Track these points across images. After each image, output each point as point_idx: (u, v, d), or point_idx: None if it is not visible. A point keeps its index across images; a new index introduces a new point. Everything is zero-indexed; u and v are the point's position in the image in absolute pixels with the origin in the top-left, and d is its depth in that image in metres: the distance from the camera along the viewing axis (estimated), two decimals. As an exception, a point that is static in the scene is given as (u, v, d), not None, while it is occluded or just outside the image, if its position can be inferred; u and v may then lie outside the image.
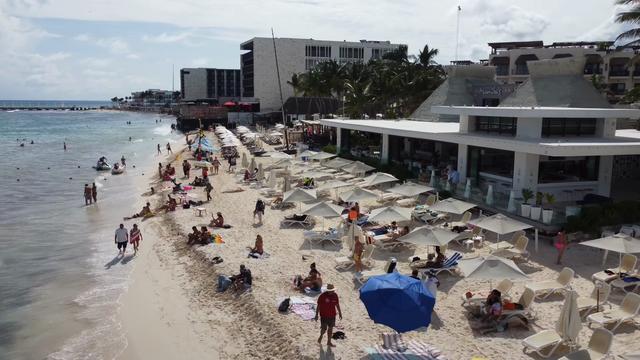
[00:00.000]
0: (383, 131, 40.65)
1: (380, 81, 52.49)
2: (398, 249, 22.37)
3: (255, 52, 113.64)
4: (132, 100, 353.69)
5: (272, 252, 21.99)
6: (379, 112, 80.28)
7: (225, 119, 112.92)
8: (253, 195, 35.14)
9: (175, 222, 27.78)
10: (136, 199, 36.57)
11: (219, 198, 34.75)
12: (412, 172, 36.21)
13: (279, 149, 64.26)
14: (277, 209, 30.75)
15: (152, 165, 55.79)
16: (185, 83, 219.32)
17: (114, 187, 42.69)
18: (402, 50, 73.14)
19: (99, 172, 51.88)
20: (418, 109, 48.66)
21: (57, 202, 36.93)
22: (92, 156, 67.04)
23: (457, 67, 46.78)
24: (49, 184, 45.07)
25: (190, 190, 37.10)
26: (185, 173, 43.71)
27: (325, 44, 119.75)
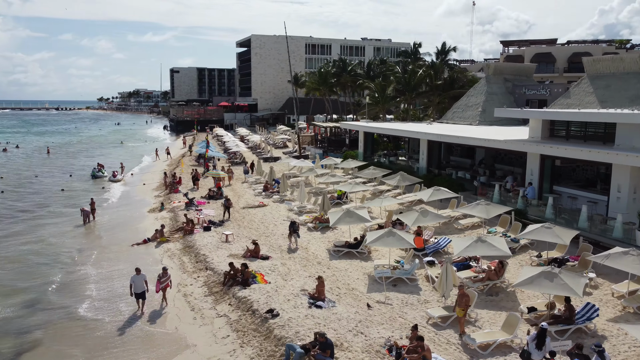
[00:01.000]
0: (421, 136, 35.96)
1: (405, 80, 47.83)
2: (494, 291, 17.63)
3: (252, 49, 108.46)
4: (118, 100, 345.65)
5: (335, 297, 17.12)
6: (389, 113, 75.62)
7: (222, 120, 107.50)
8: (280, 212, 30.25)
9: (199, 250, 22.73)
10: (143, 216, 31.35)
11: (241, 216, 29.74)
12: (461, 184, 31.58)
13: (287, 153, 59.34)
14: (315, 231, 25.88)
15: (152, 172, 50.48)
16: (175, 82, 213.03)
17: (114, 201, 37.40)
18: (416, 47, 68.60)
19: (95, 181, 46.48)
20: (450, 111, 44.08)
21: (48, 220, 31.55)
22: (83, 162, 61.48)
23: (495, 65, 42.36)
24: (38, 196, 39.60)
25: (204, 206, 32.02)
26: (194, 184, 38.59)
27: (325, 41, 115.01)
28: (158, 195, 37.00)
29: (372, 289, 18.06)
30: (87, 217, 30.47)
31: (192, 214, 29.41)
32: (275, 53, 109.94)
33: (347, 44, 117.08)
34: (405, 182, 30.31)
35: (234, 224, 27.54)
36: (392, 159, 42.80)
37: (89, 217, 30.49)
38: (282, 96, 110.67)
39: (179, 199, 34.38)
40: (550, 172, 26.02)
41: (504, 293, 17.48)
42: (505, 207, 23.27)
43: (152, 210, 32.41)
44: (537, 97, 39.24)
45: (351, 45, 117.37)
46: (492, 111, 40.47)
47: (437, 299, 17.01)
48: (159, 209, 32.12)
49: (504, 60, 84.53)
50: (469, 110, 41.79)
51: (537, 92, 39.34)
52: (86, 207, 30.85)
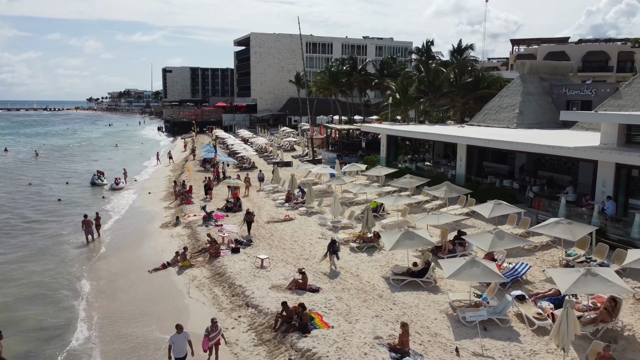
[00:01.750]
0: (459, 140, 32.70)
1: (429, 79, 44.60)
2: (611, 336, 14.37)
3: (252, 48, 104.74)
4: (108, 100, 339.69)
5: (420, 348, 13.73)
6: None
7: (220, 121, 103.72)
8: (311, 227, 26.86)
9: (232, 279, 19.20)
10: (155, 233, 27.68)
11: (267, 232, 26.27)
12: (511, 194, 28.36)
13: (297, 157, 55.92)
14: (359, 252, 22.50)
15: (155, 179, 46.75)
16: (167, 82, 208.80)
17: (119, 213, 33.67)
18: (429, 45, 65.44)
19: (94, 190, 42.70)
20: (480, 113, 40.86)
21: (44, 239, 27.76)
22: (79, 167, 57.56)
23: (531, 63, 39.17)
24: (32, 207, 35.78)
25: (223, 220, 28.50)
26: (206, 193, 35.02)
27: (326, 40, 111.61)
28: (168, 207, 33.34)
29: (459, 333, 14.71)
30: (91, 234, 26.83)
31: (213, 231, 25.90)
32: (275, 52, 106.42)
33: (348, 43, 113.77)
34: (452, 193, 27.00)
35: (262, 243, 24.05)
36: (419, 164, 39.54)
37: (92, 234, 26.84)
38: (282, 96, 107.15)
39: (193, 211, 30.80)
40: (626, 184, 22.88)
41: (624, 339, 14.23)
42: (589, 226, 20.01)
43: (165, 225, 28.75)
44: (580, 98, 36.14)
45: (352, 44, 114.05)
46: (530, 113, 37.54)
47: (547, 349, 13.71)
48: (173, 223, 28.49)
49: (515, 58, 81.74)
50: (503, 112, 38.63)
51: (581, 93, 36.26)
52: (89, 217, 27.16)
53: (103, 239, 27.25)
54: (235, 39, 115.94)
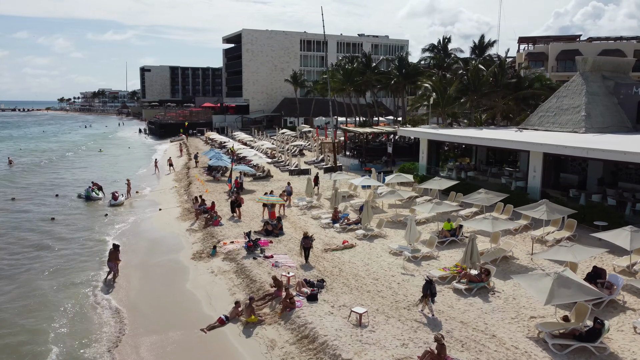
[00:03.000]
0: (533, 147, 28.10)
1: (470, 78, 40.05)
2: None
3: (243, 46, 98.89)
4: (81, 100, 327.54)
5: None
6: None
7: (210, 122, 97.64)
8: (380, 256, 21.97)
9: (333, 349, 13.97)
10: (190, 268, 22.09)
11: (331, 264, 21.12)
12: (611, 212, 23.91)
13: (310, 163, 50.72)
14: (469, 295, 17.59)
15: (160, 191, 40.90)
16: (145, 82, 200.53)
17: (133, 237, 27.86)
18: (445, 43, 61.09)
19: (90, 205, 36.73)
20: (534, 115, 36.45)
21: (43, 279, 21.86)
22: (65, 176, 51.18)
23: (593, 60, 34.92)
24: (20, 229, 29.74)
25: (269, 248, 23.21)
26: (233, 211, 29.60)
27: (321, 37, 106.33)
28: (192, 230, 27.76)
29: None
30: (114, 269, 21.25)
31: (265, 264, 20.67)
32: (269, 49, 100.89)
33: (343, 40, 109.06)
34: (554, 215, 22.28)
35: (337, 283, 18.89)
36: (470, 174, 34.91)
37: (115, 271, 21.26)
38: (276, 96, 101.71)
39: (226, 235, 25.36)
40: None
41: None
42: None
43: (197, 255, 23.23)
44: (657, 98, 32.08)
45: (348, 42, 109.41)
46: (597, 115, 33.22)
47: None
48: (208, 253, 23.05)
49: (525, 56, 78.16)
50: (564, 114, 34.27)
51: (657, 93, 32.19)
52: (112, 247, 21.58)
53: (124, 278, 21.63)
54: (224, 36, 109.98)
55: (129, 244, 26.34)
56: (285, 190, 33.38)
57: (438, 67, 56.64)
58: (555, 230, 23.20)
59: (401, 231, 25.81)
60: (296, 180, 42.26)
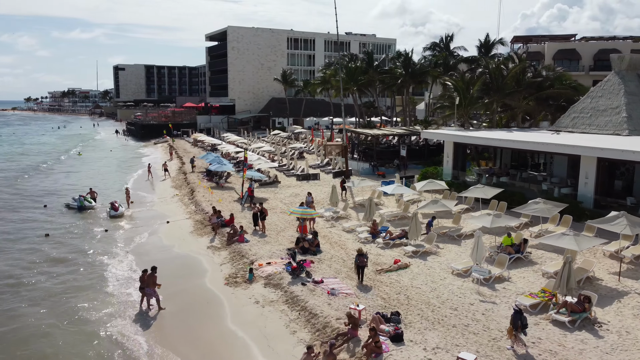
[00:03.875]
0: (584, 152, 25.86)
1: (493, 77, 37.79)
2: None
3: (229, 43, 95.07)
4: (49, 100, 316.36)
5: None
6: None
7: (194, 123, 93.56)
8: (444, 278, 19.33)
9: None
10: (226, 295, 18.89)
11: (395, 291, 18.28)
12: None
13: (315, 167, 47.73)
14: (573, 327, 15.03)
15: (161, 201, 37.28)
16: (120, 81, 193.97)
17: (146, 258, 24.31)
18: (448, 41, 59.12)
19: (84, 216, 32.99)
20: (566, 117, 34.34)
21: (46, 322, 18.37)
22: (48, 184, 46.96)
23: (630, 58, 33.06)
24: (9, 253, 25.92)
25: (311, 268, 20.23)
26: (255, 223, 26.47)
27: (308, 35, 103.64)
28: (214, 247, 24.47)
29: None
30: (152, 298, 17.95)
31: (317, 291, 17.72)
32: (255, 47, 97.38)
33: (331, 39, 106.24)
34: (637, 229, 19.93)
35: (413, 316, 16.06)
36: (503, 179, 32.58)
37: (157, 298, 17.97)
38: (263, 96, 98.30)
39: (257, 254, 22.23)
40: None
41: None
42: None
43: (231, 281, 19.97)
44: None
45: (335, 40, 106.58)
46: (639, 117, 31.39)
47: None
48: (245, 277, 19.89)
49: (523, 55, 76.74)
50: (601, 115, 32.28)
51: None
52: (147, 272, 18.24)
53: (156, 308, 18.33)
54: (207, 33, 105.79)
55: (142, 265, 22.94)
56: (305, 201, 30.27)
57: (444, 66, 54.57)
58: (630, 245, 20.90)
59: (452, 247, 23.26)
60: (306, 186, 39.32)
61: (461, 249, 22.98)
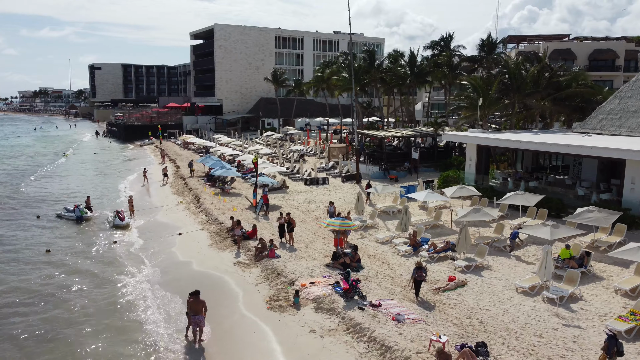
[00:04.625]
0: (627, 155, 24.47)
1: (512, 77, 36.33)
2: None
3: (216, 42, 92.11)
4: (20, 100, 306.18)
5: None
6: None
7: (180, 124, 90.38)
8: (510, 298, 17.64)
9: None
10: (274, 325, 16.56)
11: (461, 313, 16.42)
12: None
13: (320, 170, 45.62)
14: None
15: (167, 210, 34.66)
16: (96, 81, 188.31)
17: (168, 278, 21.83)
18: (448, 40, 57.73)
19: (84, 228, 30.24)
20: (593, 118, 33.05)
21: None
22: (34, 189, 43.72)
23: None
24: (8, 274, 23.15)
25: (365, 288, 18.19)
26: (281, 235, 24.27)
27: (297, 34, 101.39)
28: (241, 264, 22.16)
29: None
30: (200, 327, 15.64)
31: (379, 316, 15.70)
32: (242, 46, 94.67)
33: (319, 38, 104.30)
34: None
35: (497, 344, 14.21)
36: (532, 183, 31.09)
37: (201, 328, 15.67)
38: (251, 96, 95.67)
39: (294, 271, 20.05)
40: None
41: None
42: None
43: (275, 304, 17.75)
44: None
45: (324, 39, 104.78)
46: (673, 118, 30.27)
47: None
48: (290, 301, 17.72)
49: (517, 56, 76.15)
50: (632, 117, 31.03)
51: None
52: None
53: (204, 336, 16.05)
54: (191, 31, 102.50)
55: (167, 287, 20.56)
56: (328, 211, 28.15)
57: (448, 66, 53.19)
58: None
59: (502, 259, 21.54)
60: (317, 192, 37.32)
61: (512, 262, 21.28)
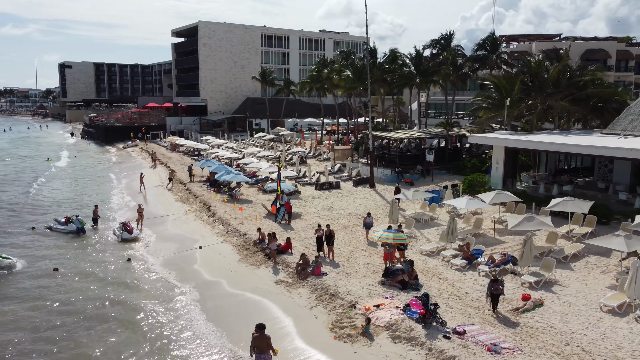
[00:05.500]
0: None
1: (534, 76, 35.02)
2: None
3: (200, 40, 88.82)
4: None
5: None
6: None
7: (164, 125, 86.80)
8: (599, 317, 15.86)
9: None
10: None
11: (556, 339, 14.64)
12: None
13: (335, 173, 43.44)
14: None
15: (178, 220, 31.93)
16: (67, 80, 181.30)
17: (203, 305, 19.33)
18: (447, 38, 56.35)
19: (88, 241, 27.40)
20: (623, 119, 31.93)
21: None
22: (18, 197, 40.30)
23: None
24: (13, 302, 20.32)
25: (442, 314, 16.24)
26: (320, 249, 22.10)
27: (283, 32, 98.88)
28: (283, 283, 19.93)
29: None
30: None
31: (471, 348, 13.78)
32: (227, 44, 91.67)
33: (305, 36, 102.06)
34: None
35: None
36: (566, 187, 29.72)
37: None
38: (236, 96, 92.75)
39: (350, 292, 17.92)
40: None
41: None
42: None
43: (341, 334, 15.59)
44: None
45: (310, 38, 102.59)
46: None
47: None
48: (359, 329, 15.58)
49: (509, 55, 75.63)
50: (666, 117, 30.13)
51: None
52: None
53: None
54: (173, 29, 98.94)
55: (209, 314, 18.16)
56: (365, 223, 25.80)
57: (452, 65, 51.77)
58: None
59: (564, 272, 19.87)
60: (333, 197, 35.27)
61: (579, 275, 19.68)
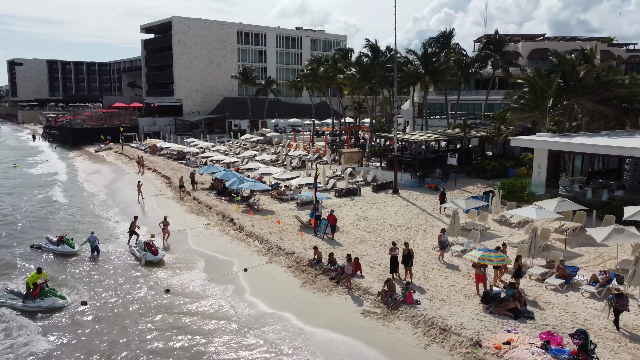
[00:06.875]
0: None
1: (568, 76, 33.53)
2: None
3: (174, 36, 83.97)
4: None
5: None
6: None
7: (136, 127, 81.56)
8: None
9: None
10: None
11: None
12: None
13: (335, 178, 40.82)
14: None
15: (198, 235, 28.38)
16: (17, 78, 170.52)
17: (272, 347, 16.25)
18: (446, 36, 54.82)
19: (106, 263, 23.62)
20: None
21: None
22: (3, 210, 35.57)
23: None
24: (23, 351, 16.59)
25: (572, 349, 13.94)
26: (395, 270, 19.39)
27: (259, 29, 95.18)
28: (373, 314, 17.08)
29: None
30: None
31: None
32: (203, 41, 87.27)
33: (282, 34, 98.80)
34: None
35: None
36: (618, 193, 28.26)
37: None
38: (213, 95, 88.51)
39: (465, 326, 15.35)
40: None
41: None
42: None
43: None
44: None
45: (287, 35, 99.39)
46: None
47: None
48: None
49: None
50: None
51: None
52: None
53: None
54: (142, 24, 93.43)
55: None
56: (440, 242, 22.80)
57: (457, 63, 50.26)
58: None
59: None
60: (360, 205, 32.69)
61: (689, 294, 17.89)
